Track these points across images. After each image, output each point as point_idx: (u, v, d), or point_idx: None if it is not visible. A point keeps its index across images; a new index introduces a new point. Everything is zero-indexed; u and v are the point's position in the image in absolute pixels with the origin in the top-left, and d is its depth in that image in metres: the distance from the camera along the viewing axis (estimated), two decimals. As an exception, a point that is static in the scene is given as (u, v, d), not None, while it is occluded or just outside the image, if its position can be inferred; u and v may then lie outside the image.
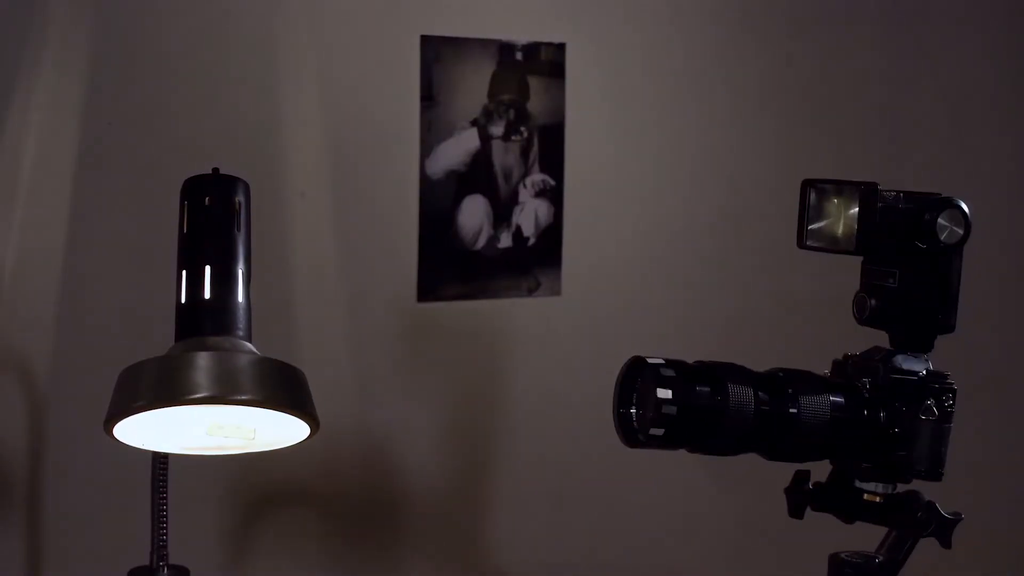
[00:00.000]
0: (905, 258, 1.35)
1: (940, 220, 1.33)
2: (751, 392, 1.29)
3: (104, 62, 2.05)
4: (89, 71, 2.04)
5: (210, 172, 1.35)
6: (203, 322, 1.29)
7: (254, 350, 1.31)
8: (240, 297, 1.31)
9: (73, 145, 2.04)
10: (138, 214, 2.09)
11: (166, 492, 1.46)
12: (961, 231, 1.33)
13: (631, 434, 1.28)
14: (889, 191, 1.35)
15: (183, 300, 1.31)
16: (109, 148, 2.07)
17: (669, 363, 1.27)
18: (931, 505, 1.34)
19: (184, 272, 1.31)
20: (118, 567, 1.54)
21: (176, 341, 1.30)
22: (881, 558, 1.36)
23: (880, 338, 1.40)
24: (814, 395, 1.33)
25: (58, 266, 2.04)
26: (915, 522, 1.34)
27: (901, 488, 1.37)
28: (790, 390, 1.32)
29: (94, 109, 2.05)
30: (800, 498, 1.38)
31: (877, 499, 1.35)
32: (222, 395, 1.22)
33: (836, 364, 1.40)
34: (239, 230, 1.33)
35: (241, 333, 1.31)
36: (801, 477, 1.38)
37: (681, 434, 1.27)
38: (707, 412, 1.27)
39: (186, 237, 1.33)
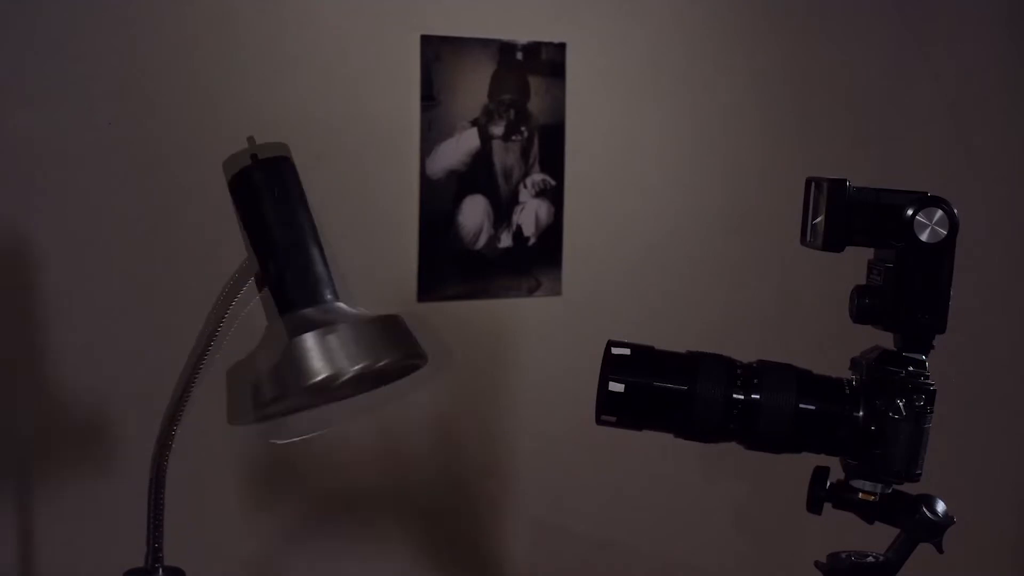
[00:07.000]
0: (891, 256, 1.33)
1: (919, 218, 1.30)
2: (721, 382, 1.32)
3: (105, 61, 2.05)
4: (90, 71, 2.04)
5: (248, 157, 1.39)
6: (295, 297, 1.34)
7: (346, 310, 1.36)
8: (319, 263, 1.38)
9: (73, 144, 2.04)
10: (139, 213, 2.09)
11: (163, 493, 1.45)
12: (945, 230, 1.30)
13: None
14: (866, 188, 1.32)
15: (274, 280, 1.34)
16: (109, 147, 2.06)
17: (636, 355, 1.37)
18: (924, 511, 1.33)
19: (264, 253, 1.35)
20: (113, 569, 1.53)
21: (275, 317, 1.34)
22: (881, 557, 1.35)
23: (888, 338, 1.38)
24: (781, 386, 1.33)
25: (62, 264, 2.04)
26: (910, 525, 1.33)
27: (911, 489, 1.36)
28: (756, 380, 1.32)
29: (94, 109, 2.05)
30: (819, 494, 1.36)
31: (872, 498, 1.34)
32: (338, 373, 1.29)
33: (852, 362, 1.39)
34: (299, 203, 1.38)
35: (329, 296, 1.37)
36: (821, 473, 1.36)
37: (638, 419, 1.34)
38: (669, 401, 1.33)
39: (255, 225, 1.36)
